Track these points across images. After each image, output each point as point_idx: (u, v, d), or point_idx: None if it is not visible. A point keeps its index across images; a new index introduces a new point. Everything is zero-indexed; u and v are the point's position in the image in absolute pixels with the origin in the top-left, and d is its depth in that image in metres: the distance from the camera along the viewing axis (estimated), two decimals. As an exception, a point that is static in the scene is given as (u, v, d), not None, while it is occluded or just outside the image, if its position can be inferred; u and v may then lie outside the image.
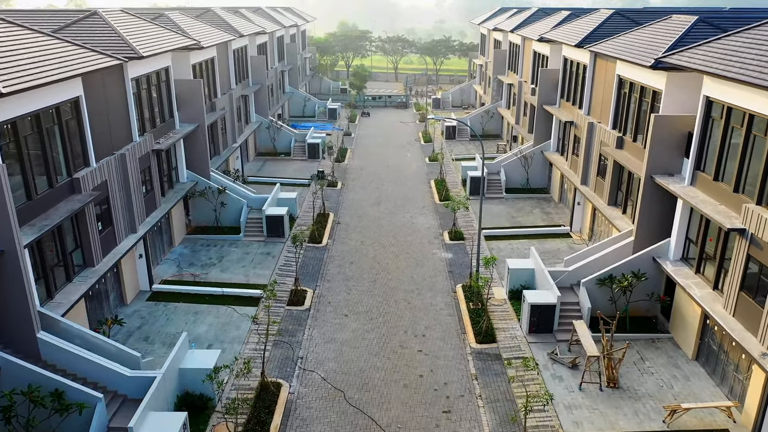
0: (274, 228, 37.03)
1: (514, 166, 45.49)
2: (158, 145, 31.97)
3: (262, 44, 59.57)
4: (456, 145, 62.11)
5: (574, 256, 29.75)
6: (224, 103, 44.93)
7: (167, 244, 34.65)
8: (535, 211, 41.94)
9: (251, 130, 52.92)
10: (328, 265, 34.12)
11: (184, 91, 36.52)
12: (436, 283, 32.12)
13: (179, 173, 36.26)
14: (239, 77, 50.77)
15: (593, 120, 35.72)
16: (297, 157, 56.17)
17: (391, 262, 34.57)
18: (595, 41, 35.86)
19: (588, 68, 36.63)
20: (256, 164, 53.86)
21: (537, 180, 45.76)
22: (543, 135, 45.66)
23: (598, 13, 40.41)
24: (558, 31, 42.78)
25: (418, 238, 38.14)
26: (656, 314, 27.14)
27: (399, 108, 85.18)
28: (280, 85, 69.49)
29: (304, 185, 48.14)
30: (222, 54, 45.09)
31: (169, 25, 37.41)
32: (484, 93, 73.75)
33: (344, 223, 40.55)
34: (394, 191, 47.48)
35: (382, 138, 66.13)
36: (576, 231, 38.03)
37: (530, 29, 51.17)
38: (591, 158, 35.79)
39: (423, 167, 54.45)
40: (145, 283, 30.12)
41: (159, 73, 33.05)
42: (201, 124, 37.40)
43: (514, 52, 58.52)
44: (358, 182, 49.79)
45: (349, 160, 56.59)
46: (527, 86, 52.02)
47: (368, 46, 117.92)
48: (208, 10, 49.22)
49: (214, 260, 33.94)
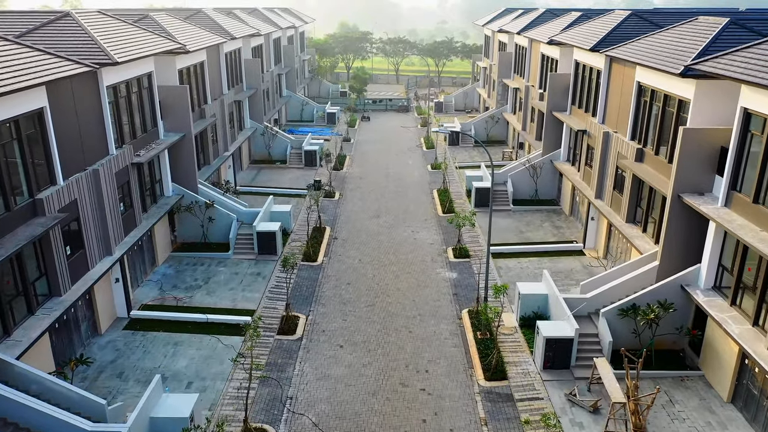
0: (265, 245, 34.50)
1: (522, 176, 42.92)
2: (138, 157, 29.46)
3: (258, 47, 57.08)
4: (459, 151, 59.55)
5: (591, 281, 27.17)
6: (215, 109, 42.43)
7: (149, 263, 32.12)
8: (545, 225, 39.37)
9: (245, 137, 50.40)
10: (323, 287, 31.58)
11: (168, 98, 34.03)
12: (440, 307, 29.56)
13: (164, 186, 33.74)
14: (232, 82, 48.27)
15: (609, 129, 33.15)
16: (293, 164, 53.63)
17: (391, 283, 32.01)
18: (611, 45, 33.30)
19: (603, 73, 34.06)
20: (250, 173, 51.33)
21: (546, 191, 43.19)
22: (552, 143, 43.10)
23: (613, 15, 37.85)
24: (569, 33, 40.22)
25: (420, 255, 35.58)
26: (683, 347, 24.56)
27: (400, 112, 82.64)
28: (277, 88, 67.00)
29: (300, 196, 45.62)
30: (213, 57, 42.59)
31: (152, 28, 34.90)
32: (488, 97, 71.19)
33: (341, 239, 38.01)
34: (395, 202, 44.93)
35: (382, 144, 63.60)
36: (590, 248, 35.45)
37: (538, 31, 48.61)
38: (606, 171, 33.23)
39: (425, 175, 51.89)
40: (123, 309, 27.59)
41: (140, 79, 30.54)
42: (187, 133, 34.90)
43: (521, 54, 55.95)
44: (356, 192, 47.25)
45: (348, 168, 54.05)
46: (535, 91, 49.47)
47: (369, 48, 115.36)
48: (199, 11, 46.71)
49: (199, 281, 31.40)
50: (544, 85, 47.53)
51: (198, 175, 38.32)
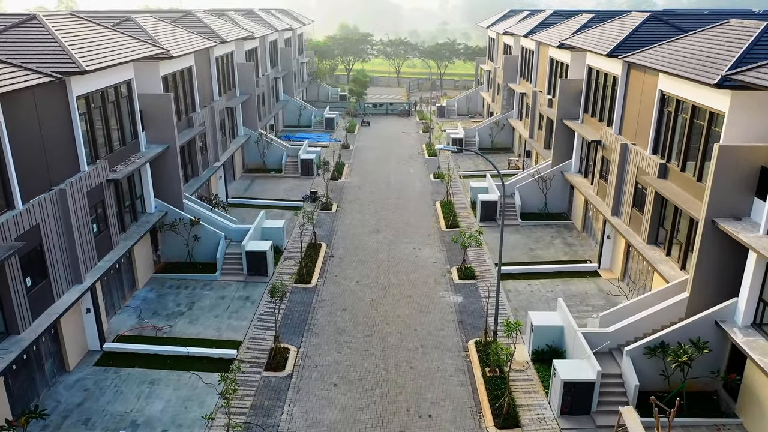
0: (255, 266, 31.97)
1: (531, 188, 40.36)
2: (115, 173, 26.95)
3: (252, 50, 54.58)
4: (463, 159, 56.99)
5: (612, 313, 24.57)
6: (204, 117, 39.93)
7: (128, 287, 29.60)
8: (556, 242, 36.79)
9: (238, 145, 47.90)
10: (316, 313, 29.04)
11: (151, 108, 31.53)
12: (444, 337, 27.00)
13: (145, 203, 31.23)
14: (224, 87, 45.79)
15: (627, 141, 30.60)
16: (289, 173, 51.10)
17: (391, 309, 29.47)
18: (629, 50, 30.75)
19: (619, 80, 31.52)
20: (243, 183, 48.80)
21: (556, 204, 40.62)
22: (563, 153, 40.53)
23: (630, 17, 35.27)
24: (581, 37, 37.66)
25: (423, 276, 33.03)
26: (717, 389, 22.00)
27: (401, 116, 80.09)
28: (273, 93, 64.49)
29: (295, 208, 43.05)
30: (202, 62, 40.10)
31: (133, 31, 32.39)
32: (492, 101, 68.63)
33: (338, 257, 35.47)
34: (396, 215, 42.38)
35: (382, 151, 61.05)
36: (606, 268, 32.88)
37: (547, 34, 46.07)
38: (624, 186, 30.68)
39: (427, 185, 49.34)
40: (95, 341, 25.07)
41: (118, 87, 28.05)
42: (172, 144, 32.39)
43: (528, 58, 53.41)
44: (355, 204, 44.71)
45: (346, 177, 51.50)
46: (543, 97, 46.92)
47: (369, 50, 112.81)
48: (188, 13, 44.19)
49: (182, 307, 28.86)
50: (553, 91, 45.00)
51: (185, 188, 35.88)
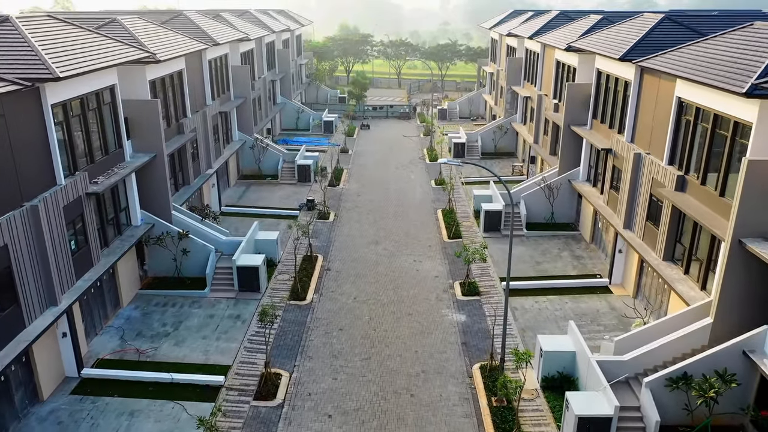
0: (247, 281, 30.27)
1: (537, 197, 38.62)
2: (95, 185, 25.24)
3: (248, 52, 52.85)
4: (465, 164, 55.19)
5: (628, 338, 22.81)
6: (196, 122, 38.23)
7: (111, 306, 27.91)
8: (564, 255, 35.05)
9: (232, 150, 46.19)
10: (311, 333, 27.32)
11: (136, 114, 29.83)
12: (446, 361, 25.28)
13: (131, 215, 29.53)
14: (218, 91, 44.08)
15: (640, 150, 28.88)
16: (285, 180, 49.39)
17: (390, 329, 27.75)
18: (643, 53, 29.03)
19: (632, 86, 29.80)
20: (238, 190, 47.08)
21: (564, 214, 38.88)
22: (570, 160, 38.79)
23: (642, 19, 33.53)
24: (591, 39, 35.93)
25: (424, 292, 31.31)
26: (743, 422, 20.28)
27: (401, 119, 78.36)
28: (270, 96, 62.80)
29: (291, 217, 41.38)
30: (194, 66, 38.39)
31: (118, 34, 30.69)
32: (495, 104, 66.92)
33: (335, 270, 33.76)
34: (396, 225, 40.66)
35: (382, 155, 59.32)
36: (617, 284, 31.16)
37: (553, 36, 44.33)
38: (638, 198, 28.95)
39: (429, 193, 47.63)
40: (72, 367, 23.36)
41: (99, 94, 26.35)
42: (159, 153, 30.68)
43: (532, 60, 51.68)
44: (353, 212, 42.99)
45: (345, 184, 49.79)
46: (549, 101, 45.20)
47: (369, 51, 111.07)
48: (180, 14, 42.46)
49: (168, 328, 27.16)
50: (559, 95, 43.28)
51: (174, 198, 34.20)
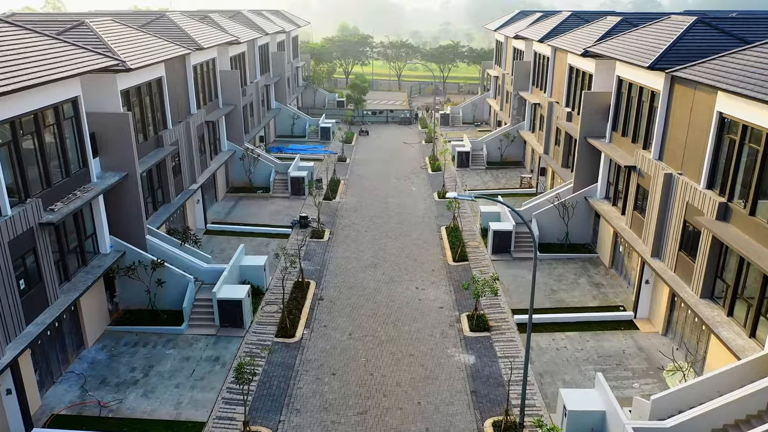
0: (229, 316, 27.05)
1: (550, 215, 35.36)
2: (51, 215, 22.00)
3: (239, 55, 49.60)
4: (470, 175, 51.98)
5: (667, 397, 19.52)
6: (178, 134, 35.00)
7: (73, 347, 24.66)
8: (581, 282, 31.79)
9: (220, 162, 42.93)
10: (300, 379, 24.06)
11: (105, 129, 26.62)
12: (454, 416, 22.01)
13: (98, 242, 26.30)
14: (204, 98, 40.86)
15: (671, 170, 25.65)
16: (278, 193, 46.13)
17: (389, 374, 24.49)
18: (675, 61, 25.77)
19: (660, 97, 26.57)
20: (226, 204, 43.81)
21: (579, 234, 35.61)
22: (586, 176, 35.53)
23: (670, 21, 30.22)
24: (611, 44, 32.65)
25: (428, 326, 28.06)
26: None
27: (402, 124, 75.07)
28: (264, 101, 59.57)
29: (282, 236, 38.14)
30: (176, 72, 35.14)
31: (85, 39, 27.43)
32: (500, 110, 63.64)
33: (328, 299, 30.54)
34: (396, 245, 37.41)
35: (382, 164, 56.04)
36: (643, 318, 27.93)
37: (566, 39, 41.05)
38: (668, 223, 25.71)
39: (431, 207, 44.36)
40: (20, 428, 20.13)
41: (59, 108, 23.11)
42: (131, 171, 27.46)
43: (542, 65, 48.42)
44: (350, 230, 39.73)
45: (342, 197, 46.53)
46: (560, 109, 41.94)
47: (369, 53, 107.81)
48: (161, 16, 39.15)
49: (137, 373, 23.91)
50: (572, 104, 40.02)
51: (151, 220, 31.03)
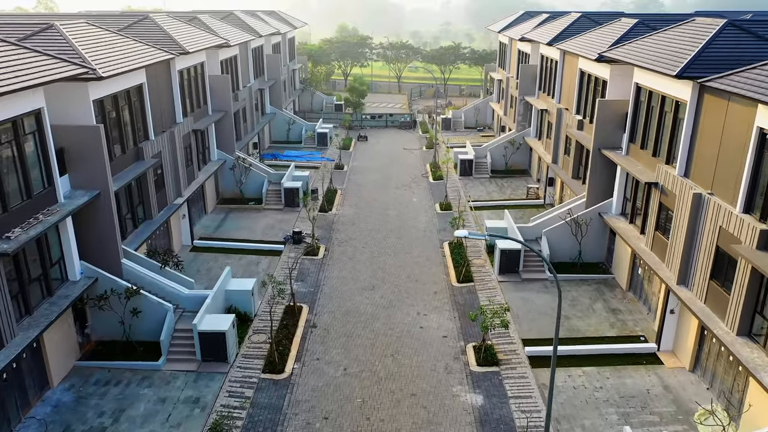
0: (211, 349, 24.54)
1: (562, 232, 32.86)
2: (6, 243, 19.48)
3: (230, 59, 47.08)
4: (473, 184, 49.46)
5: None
6: (161, 145, 32.49)
7: (35, 389, 22.14)
8: (597, 307, 29.28)
9: (209, 173, 40.36)
10: (288, 425, 21.51)
11: (74, 144, 24.12)
12: (461, 471, 19.56)
13: (67, 269, 23.80)
14: (191, 106, 38.35)
15: (700, 190, 23.14)
16: (271, 204, 43.60)
17: (389, 418, 21.94)
18: (705, 69, 23.26)
19: (687, 108, 24.07)
20: (215, 218, 41.25)
21: (593, 252, 33.10)
22: (600, 190, 33.05)
23: (695, 24, 27.67)
24: (628, 48, 30.12)
25: (430, 359, 25.55)
26: None
27: (402, 128, 72.52)
28: (258, 106, 57.05)
29: (273, 252, 35.63)
30: (159, 78, 32.63)
31: (54, 45, 24.90)
32: (504, 114, 61.07)
33: (322, 326, 28.04)
34: (396, 263, 34.89)
35: (381, 173, 53.50)
36: (667, 351, 25.41)
37: (577, 42, 38.53)
38: (698, 248, 23.19)
39: (433, 220, 41.83)
40: (-36, 492, 17.69)
41: (18, 121, 20.61)
42: (104, 189, 24.96)
43: (549, 69, 45.90)
44: (347, 246, 37.21)
45: (338, 208, 44.01)
46: (570, 117, 39.43)
47: (368, 54, 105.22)
48: (144, 18, 36.56)
49: (106, 419, 21.37)
50: (584, 111, 37.51)
51: (130, 240, 28.57)
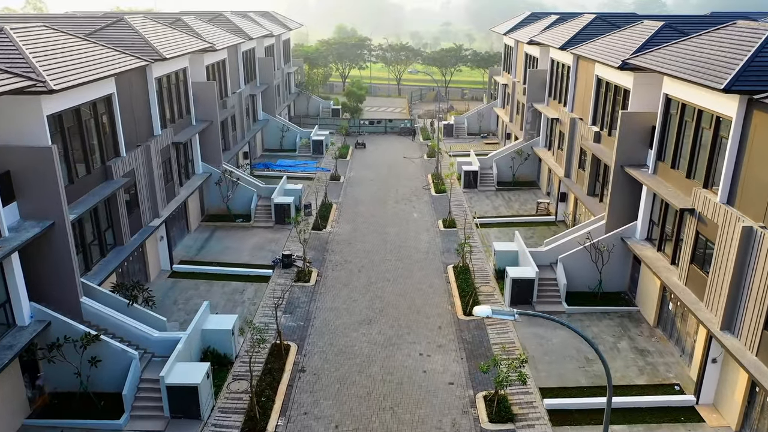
0: (182, 404, 21.22)
1: (580, 258, 29.60)
2: (-74, 293, 16.18)
3: (218, 63, 43.78)
4: (479, 198, 46.16)
5: None
6: (135, 162, 29.22)
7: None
8: (622, 347, 25.97)
9: (192, 188, 37.00)
10: (268, 502, 18.29)
11: (23, 167, 20.84)
12: None
13: (14, 313, 20.51)
14: (172, 116, 35.05)
15: (750, 223, 19.84)
16: (260, 221, 40.29)
17: (387, 493, 18.73)
18: (755, 82, 19.98)
19: (733, 126, 20.80)
20: (199, 237, 37.92)
21: (614, 281, 29.84)
22: (623, 212, 29.77)
23: (735, 28, 24.26)
24: (658, 55, 26.79)
25: (436, 414, 22.22)
26: None
27: (402, 135, 69.19)
28: (250, 112, 53.73)
29: (260, 278, 32.36)
30: (132, 87, 29.33)
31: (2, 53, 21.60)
32: (510, 121, 57.74)
33: (311, 370, 24.74)
34: (396, 291, 31.58)
35: (379, 184, 50.18)
36: (707, 404, 22.13)
37: (594, 47, 35.19)
38: (748, 291, 19.89)
39: (436, 240, 38.48)
40: None
41: (-54, 145, 17.34)
42: (59, 219, 21.66)
43: (560, 74, 42.62)
44: (341, 270, 33.89)
45: (333, 226, 40.67)
46: (586, 128, 36.15)
47: (367, 56, 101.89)
48: (119, 20, 33.05)
49: (52, 497, 18.13)
50: (602, 122, 34.23)
51: (95, 271, 25.34)
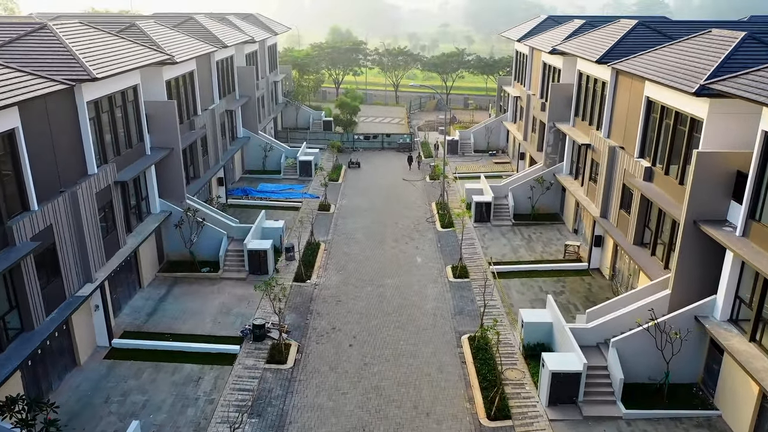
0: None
1: (638, 342, 22.54)
2: None
3: (182, 77, 36.55)
4: (493, 235, 39.11)
5: None
6: (55, 213, 22.11)
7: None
8: (709, 479, 19.02)
9: (144, 235, 29.82)
10: None
11: None
12: None
13: None
14: (114, 147, 27.95)
15: None
16: (231, 271, 33.07)
17: None
18: None
19: None
20: (154, 294, 30.68)
21: (685, 371, 22.79)
22: (696, 281, 22.78)
23: None
24: (752, 79, 19.84)
25: None
26: None
27: (401, 151, 62.17)
28: (227, 131, 46.62)
29: (226, 357, 25.29)
30: (53, 117, 22.21)
31: None
32: (524, 139, 50.69)
33: None
34: (396, 379, 24.45)
35: (375, 216, 43.08)
36: None
37: (647, 63, 28.05)
38: None
39: (446, 294, 31.39)
40: None
41: None
42: None
43: (593, 91, 35.62)
44: (328, 344, 26.78)
45: (319, 274, 33.55)
46: (631, 161, 29.20)
47: (363, 61, 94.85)
48: (42, 27, 25.30)
49: None
50: (654, 156, 27.26)
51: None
